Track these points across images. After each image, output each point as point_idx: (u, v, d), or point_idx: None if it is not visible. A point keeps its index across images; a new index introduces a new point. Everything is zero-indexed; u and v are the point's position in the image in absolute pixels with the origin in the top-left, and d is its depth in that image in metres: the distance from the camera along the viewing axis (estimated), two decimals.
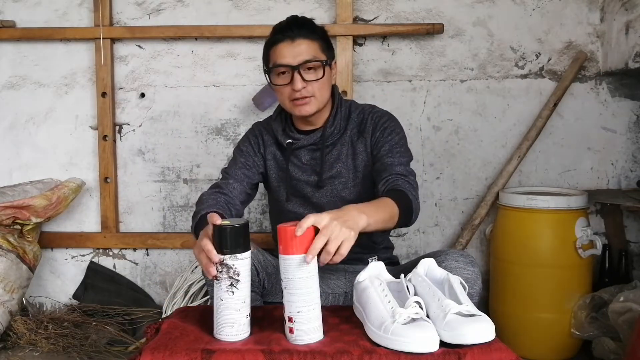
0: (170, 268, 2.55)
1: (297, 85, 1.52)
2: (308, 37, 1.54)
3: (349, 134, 1.64)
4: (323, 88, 1.56)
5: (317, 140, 1.62)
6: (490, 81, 2.45)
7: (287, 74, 1.53)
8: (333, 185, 1.63)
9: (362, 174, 1.63)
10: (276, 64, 1.54)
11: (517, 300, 2.15)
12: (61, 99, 2.53)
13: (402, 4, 2.42)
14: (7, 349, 2.16)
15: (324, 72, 1.55)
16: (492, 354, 1.09)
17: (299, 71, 1.52)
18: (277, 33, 1.56)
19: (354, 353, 1.11)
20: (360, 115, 1.67)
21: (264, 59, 1.61)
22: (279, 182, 1.68)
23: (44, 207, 2.30)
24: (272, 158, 1.68)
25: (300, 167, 1.65)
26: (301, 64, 1.52)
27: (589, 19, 2.41)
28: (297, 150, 1.64)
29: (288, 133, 1.65)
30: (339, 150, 1.64)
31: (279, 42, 1.54)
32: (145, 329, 1.35)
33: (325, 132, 1.62)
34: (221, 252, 1.16)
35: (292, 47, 1.53)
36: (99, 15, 2.41)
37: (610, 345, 1.98)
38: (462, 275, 1.33)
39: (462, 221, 2.49)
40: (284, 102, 1.59)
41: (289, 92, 1.54)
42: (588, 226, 2.13)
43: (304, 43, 1.53)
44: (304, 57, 1.52)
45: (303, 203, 1.66)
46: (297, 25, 1.55)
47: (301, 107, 1.55)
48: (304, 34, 1.54)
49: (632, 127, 2.44)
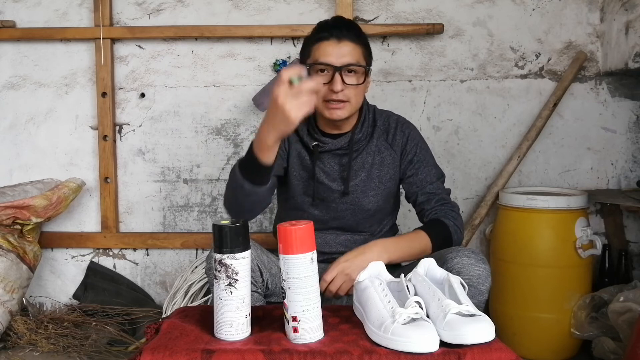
0: (170, 268, 2.55)
1: (337, 86, 1.47)
2: (354, 41, 1.51)
3: (375, 143, 1.62)
4: (359, 94, 1.53)
5: (345, 145, 1.59)
6: (490, 81, 2.45)
7: (327, 73, 1.49)
8: (356, 194, 1.60)
9: (386, 185, 1.62)
10: (318, 62, 1.49)
11: (517, 300, 2.15)
12: (61, 99, 2.53)
13: (402, 4, 2.42)
14: (7, 349, 2.16)
15: (364, 78, 1.52)
16: (492, 354, 1.09)
17: (340, 73, 1.48)
18: (323, 30, 1.51)
19: (354, 353, 1.11)
20: (386, 123, 1.64)
21: (303, 54, 1.56)
22: (301, 181, 1.62)
23: (44, 207, 2.30)
24: (297, 156, 1.62)
25: (327, 171, 1.61)
26: (344, 66, 1.48)
27: (588, 19, 2.41)
28: (323, 154, 1.60)
29: (313, 135, 1.60)
30: (365, 159, 1.61)
31: (324, 40, 1.50)
32: (145, 329, 1.35)
33: (354, 138, 1.58)
34: (219, 251, 1.16)
35: (337, 47, 1.49)
36: (99, 15, 2.41)
37: (610, 345, 1.98)
38: (473, 272, 1.33)
39: (462, 221, 2.49)
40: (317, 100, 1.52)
41: (326, 91, 1.49)
42: (588, 226, 2.13)
43: (349, 45, 1.50)
44: (348, 60, 1.49)
45: (323, 207, 1.62)
46: (345, 27, 1.52)
47: (334, 110, 1.51)
48: (350, 36, 1.51)
49: (632, 127, 2.44)
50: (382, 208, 1.65)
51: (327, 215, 1.60)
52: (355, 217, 1.62)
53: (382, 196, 1.63)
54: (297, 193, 1.64)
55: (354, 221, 1.63)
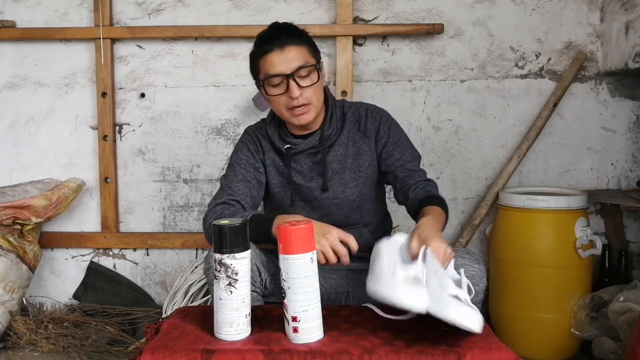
0: (170, 268, 2.55)
1: (295, 92, 1.48)
2: (296, 43, 1.50)
3: (347, 134, 1.63)
4: (318, 92, 1.54)
5: (316, 143, 1.60)
6: (490, 81, 2.45)
7: (282, 84, 1.50)
8: (335, 187, 1.62)
9: (365, 173, 1.63)
10: (269, 75, 1.50)
11: (517, 300, 2.15)
12: (61, 99, 2.53)
13: (402, 4, 2.42)
14: (7, 349, 2.17)
15: (318, 76, 1.53)
16: (492, 353, 1.09)
17: (294, 79, 1.48)
18: (264, 43, 1.51)
19: (354, 353, 1.11)
20: (356, 114, 1.65)
21: (253, 71, 1.57)
22: (281, 188, 1.65)
23: (44, 207, 2.30)
24: (272, 164, 1.65)
25: (302, 172, 1.63)
26: (295, 71, 1.49)
27: (588, 19, 2.41)
28: (296, 155, 1.62)
29: (284, 138, 1.62)
30: (338, 151, 1.63)
31: (268, 52, 1.49)
32: (145, 329, 1.35)
33: (323, 135, 1.60)
34: (219, 251, 1.16)
35: (282, 55, 1.48)
36: (99, 15, 2.41)
37: (610, 345, 1.98)
38: (468, 273, 1.33)
39: (462, 221, 2.49)
40: (280, 111, 1.54)
41: (286, 101, 1.51)
42: (588, 226, 2.13)
43: (293, 49, 1.49)
44: (297, 64, 1.48)
45: (307, 207, 1.64)
46: (285, 33, 1.51)
47: (300, 116, 1.52)
48: (292, 40, 1.50)
49: (632, 127, 2.44)
50: (366, 197, 1.65)
51: (314, 215, 1.60)
52: (341, 210, 1.63)
53: (364, 185, 1.64)
54: (281, 198, 1.65)
55: (342, 215, 1.63)
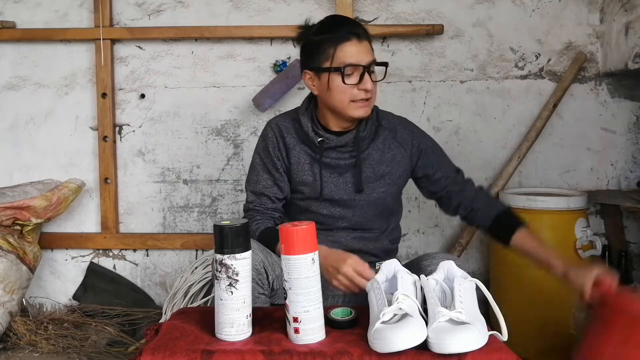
0: (170, 269, 2.55)
1: (369, 85, 1.48)
2: (368, 38, 1.52)
3: (382, 140, 1.62)
4: (377, 90, 1.56)
5: (350, 142, 1.58)
6: (490, 82, 2.45)
7: (354, 75, 1.48)
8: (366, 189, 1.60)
9: (395, 182, 1.63)
10: (347, 64, 1.47)
11: (517, 301, 2.15)
12: (61, 100, 2.53)
13: (401, 5, 2.42)
14: (7, 350, 2.16)
15: (385, 73, 1.55)
16: (492, 354, 1.09)
17: (369, 71, 1.49)
18: (339, 30, 1.49)
19: (354, 353, 1.11)
20: (391, 122, 1.65)
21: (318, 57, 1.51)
22: (308, 185, 1.61)
23: (44, 208, 2.30)
24: (300, 157, 1.60)
25: (333, 166, 1.60)
26: (370, 64, 1.50)
27: (588, 20, 2.42)
28: (327, 151, 1.59)
29: (317, 131, 1.58)
30: (372, 155, 1.61)
31: (346, 41, 1.48)
32: (145, 330, 1.35)
33: (359, 135, 1.58)
34: (220, 252, 1.16)
35: (360, 45, 1.48)
36: (99, 16, 2.41)
37: None
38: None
39: (462, 222, 2.49)
40: (343, 101, 1.50)
41: (355, 92, 1.49)
42: (588, 227, 2.13)
43: (367, 42, 1.51)
44: (372, 57, 1.51)
45: (335, 206, 1.61)
46: (357, 25, 1.53)
47: (362, 108, 1.51)
48: (365, 34, 1.51)
49: (631, 128, 2.45)
50: (389, 205, 1.66)
51: (337, 214, 1.60)
52: (365, 213, 1.62)
53: (391, 193, 1.63)
54: (305, 195, 1.62)
55: (363, 218, 1.62)
